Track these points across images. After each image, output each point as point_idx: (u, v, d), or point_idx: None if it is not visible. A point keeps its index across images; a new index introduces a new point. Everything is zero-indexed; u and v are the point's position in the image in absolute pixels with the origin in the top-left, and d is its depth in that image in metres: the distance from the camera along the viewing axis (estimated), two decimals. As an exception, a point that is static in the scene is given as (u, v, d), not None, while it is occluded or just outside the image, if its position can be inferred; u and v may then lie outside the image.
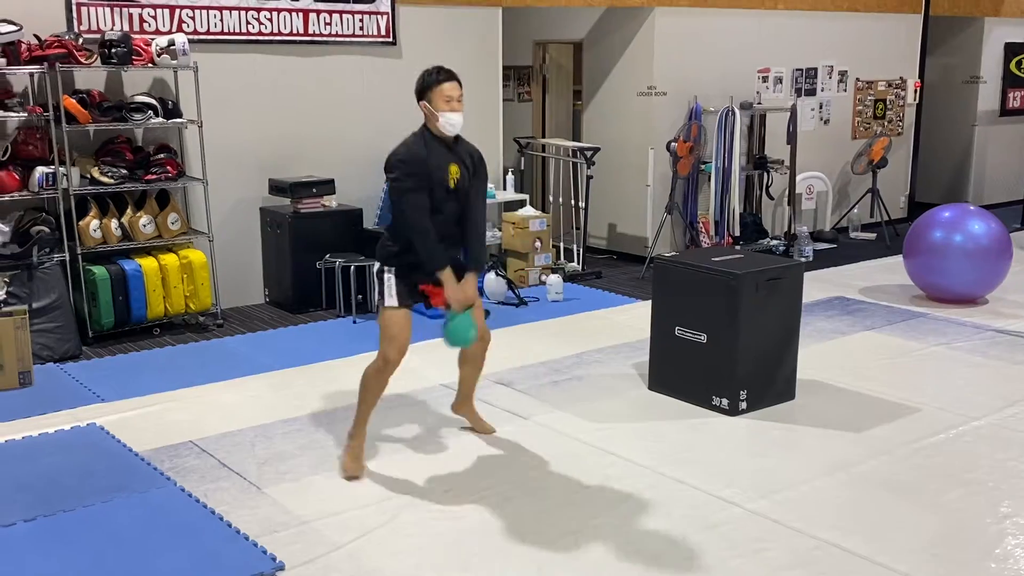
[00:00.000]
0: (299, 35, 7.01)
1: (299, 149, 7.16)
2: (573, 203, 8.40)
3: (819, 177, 9.61)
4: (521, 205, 8.03)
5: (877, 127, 10.35)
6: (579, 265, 8.19)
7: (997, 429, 4.66)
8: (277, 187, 6.93)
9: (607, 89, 8.85)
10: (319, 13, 7.06)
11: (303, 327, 6.57)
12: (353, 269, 6.66)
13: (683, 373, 5.00)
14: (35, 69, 5.81)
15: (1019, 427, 4.68)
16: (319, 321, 6.70)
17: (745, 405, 4.83)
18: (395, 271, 4.07)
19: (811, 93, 9.67)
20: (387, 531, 3.65)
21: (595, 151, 8.08)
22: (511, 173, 8.27)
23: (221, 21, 6.67)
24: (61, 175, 5.91)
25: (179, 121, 6.36)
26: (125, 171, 6.18)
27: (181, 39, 6.19)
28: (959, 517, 3.76)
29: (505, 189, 8.15)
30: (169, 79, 6.53)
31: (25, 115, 5.87)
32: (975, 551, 3.50)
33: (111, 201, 6.27)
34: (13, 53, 5.70)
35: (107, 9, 6.24)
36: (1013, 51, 11.70)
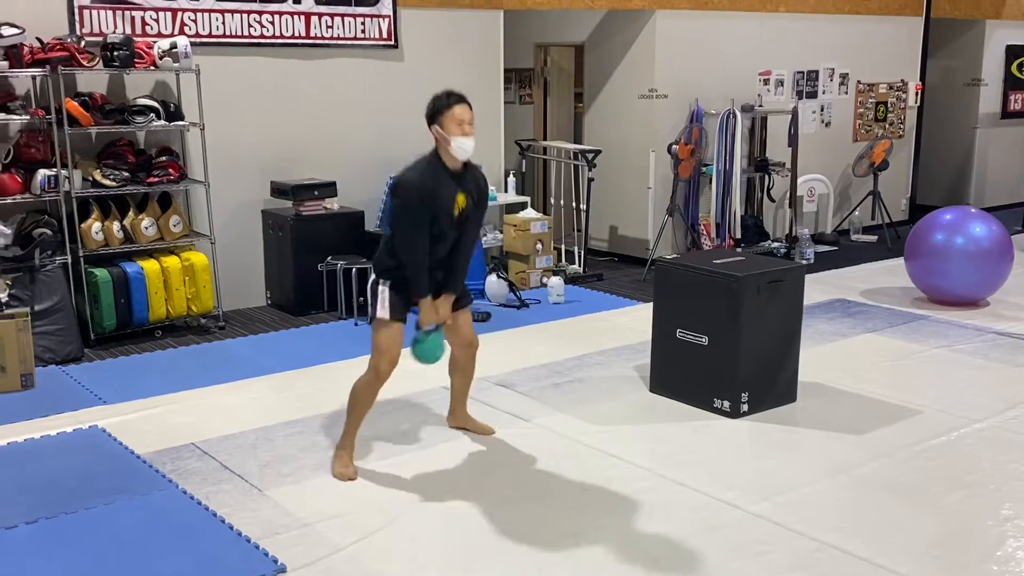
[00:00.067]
0: (301, 38, 7.02)
1: (301, 152, 7.17)
2: (574, 205, 8.41)
3: (820, 179, 9.61)
4: (522, 207, 8.04)
5: (878, 130, 10.34)
6: (580, 267, 8.20)
7: (998, 431, 4.66)
8: (279, 189, 6.94)
9: (608, 92, 8.85)
10: (321, 16, 7.07)
11: (305, 329, 6.58)
12: (355, 271, 6.66)
13: (684, 375, 5.01)
14: (37, 72, 5.82)
15: (1020, 429, 4.68)
16: (321, 323, 6.71)
17: (746, 407, 4.83)
18: (390, 284, 4.07)
19: (812, 96, 9.67)
20: (388, 533, 3.66)
21: (596, 153, 8.08)
22: (512, 175, 8.27)
23: (223, 24, 6.68)
24: (63, 178, 5.92)
25: (181, 124, 6.37)
26: (127, 174, 6.19)
27: (183, 42, 6.21)
28: (960, 519, 3.76)
29: (506, 191, 8.15)
30: (171, 82, 6.55)
31: (27, 118, 5.88)
32: (976, 553, 3.50)
33: (113, 204, 6.28)
34: (15, 56, 5.71)
35: (109, 12, 6.25)
36: (1014, 53, 11.70)
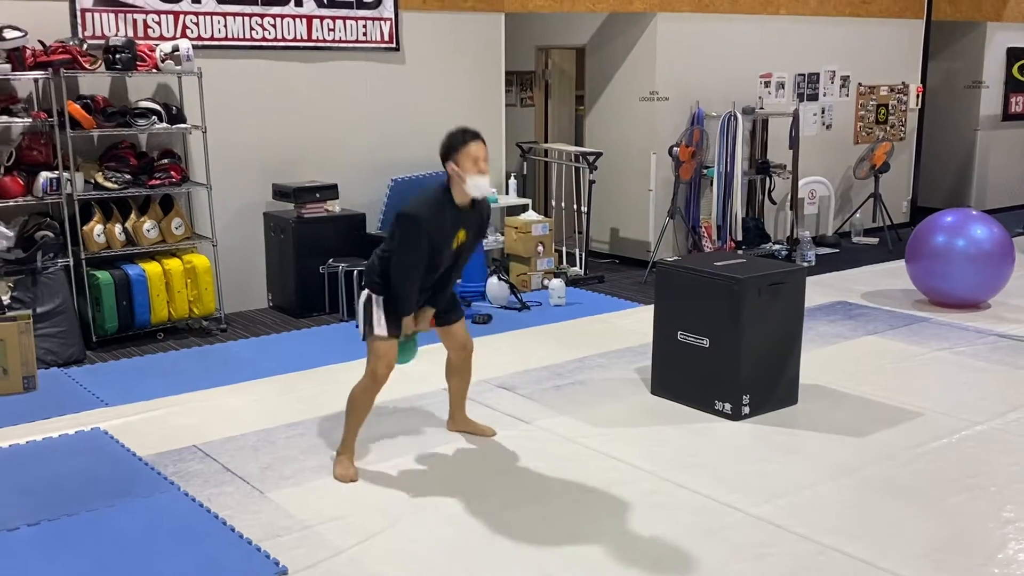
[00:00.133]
0: (303, 41, 7.03)
1: (303, 154, 7.18)
2: (575, 208, 8.42)
3: (821, 182, 9.61)
4: (523, 210, 8.04)
5: (879, 132, 10.35)
6: (581, 269, 8.20)
7: (1000, 434, 4.66)
8: (281, 192, 6.95)
9: (609, 94, 8.86)
10: (323, 19, 7.08)
11: (306, 331, 6.58)
12: (356, 274, 6.66)
13: (686, 378, 5.01)
14: (40, 75, 5.83)
15: (1022, 431, 4.68)
16: (322, 325, 6.71)
17: (748, 410, 4.83)
18: (384, 300, 4.07)
19: (813, 98, 9.68)
20: (389, 535, 3.66)
21: (597, 156, 8.09)
22: (513, 178, 8.28)
23: (225, 27, 6.69)
24: (65, 180, 5.93)
25: (183, 126, 6.38)
26: (129, 176, 6.19)
27: (185, 45, 6.22)
28: (962, 522, 3.76)
29: (507, 194, 8.15)
30: (173, 85, 6.55)
31: (30, 120, 5.88)
32: (978, 556, 3.50)
33: (115, 206, 6.29)
34: (18, 59, 5.72)
35: (111, 15, 6.26)
36: (1015, 56, 11.70)
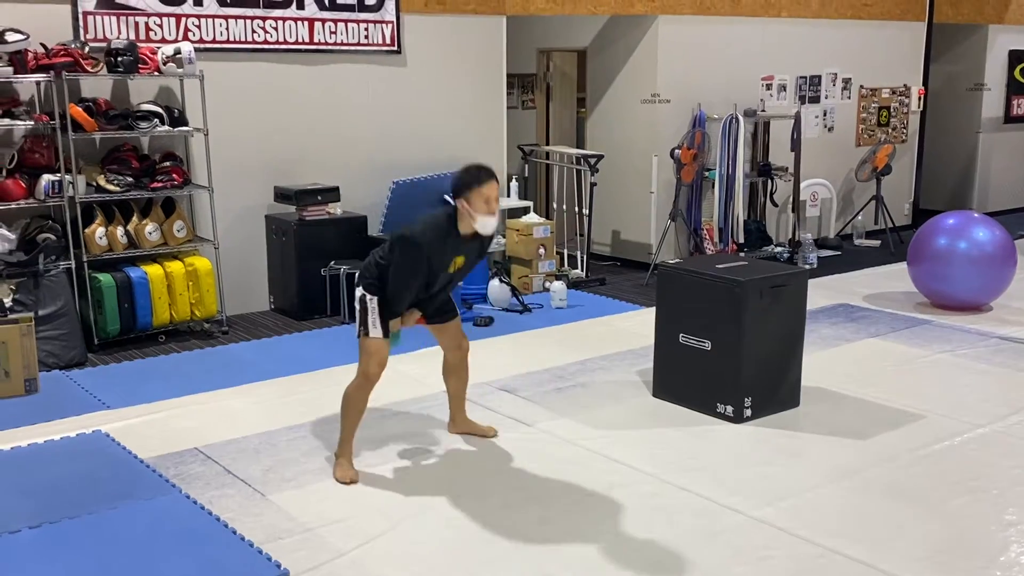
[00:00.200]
0: (304, 44, 7.03)
1: (304, 157, 7.18)
2: (577, 210, 8.42)
3: (823, 184, 9.61)
4: (525, 212, 8.04)
5: (881, 134, 10.34)
6: (583, 272, 8.20)
7: (1002, 436, 4.65)
8: (282, 194, 6.95)
9: (611, 97, 8.86)
10: (324, 22, 7.08)
11: (308, 334, 6.58)
12: (358, 276, 6.65)
13: (687, 380, 5.00)
14: (42, 77, 5.83)
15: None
16: (324, 328, 6.71)
17: (749, 412, 4.83)
18: (377, 300, 4.10)
19: (815, 100, 9.68)
20: (390, 538, 3.66)
21: (599, 158, 8.09)
22: (515, 180, 8.28)
23: (227, 30, 6.70)
24: (67, 183, 5.93)
25: (185, 129, 6.39)
26: (131, 179, 6.20)
27: (187, 47, 6.22)
28: (964, 525, 3.76)
29: (509, 196, 8.15)
30: (175, 87, 6.56)
31: (32, 123, 5.89)
32: (980, 559, 3.50)
33: (117, 209, 6.29)
34: (20, 62, 5.73)
35: (113, 18, 6.27)
36: (1017, 58, 11.69)
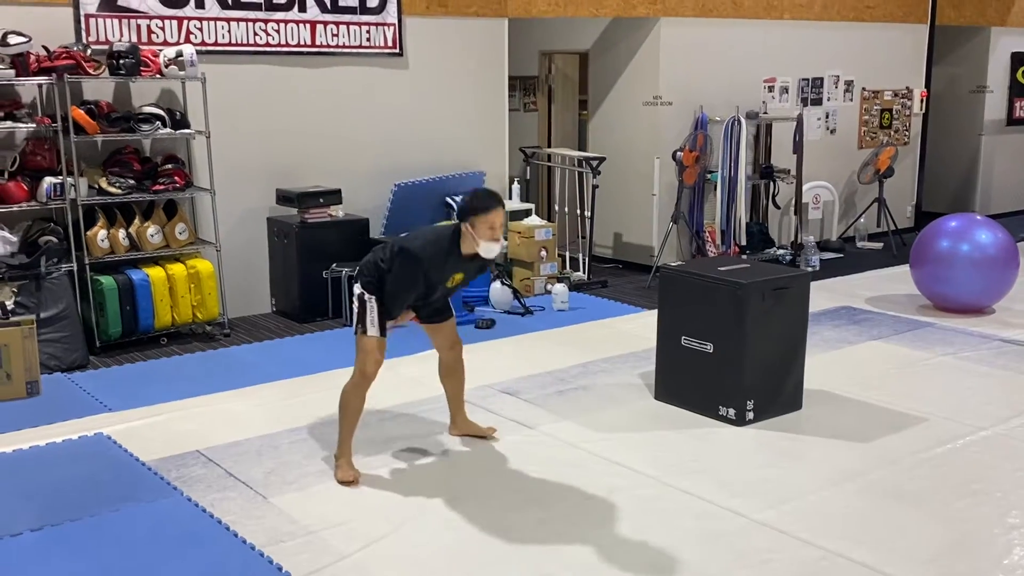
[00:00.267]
0: (306, 46, 7.04)
1: (306, 159, 7.18)
2: (579, 212, 8.41)
3: (825, 187, 9.60)
4: (527, 214, 8.03)
5: (883, 137, 10.33)
6: (585, 274, 8.19)
7: (1005, 439, 4.64)
8: (284, 197, 6.95)
9: (613, 99, 8.86)
10: (326, 24, 7.09)
11: (310, 336, 6.58)
12: (357, 272, 6.66)
13: (689, 383, 5.00)
14: (43, 80, 5.83)
15: (1027, 437, 4.67)
16: (326, 330, 6.71)
17: (752, 415, 4.82)
18: (376, 299, 4.10)
19: (817, 103, 9.67)
20: (392, 540, 3.66)
21: (601, 160, 8.09)
22: (517, 183, 8.28)
23: (229, 33, 6.70)
24: (69, 185, 5.93)
25: (187, 132, 6.39)
26: (133, 181, 6.20)
27: (189, 50, 6.22)
28: (967, 527, 3.75)
29: (511, 199, 8.15)
30: (177, 90, 6.57)
31: (33, 126, 5.89)
32: (983, 562, 3.49)
33: (119, 211, 6.29)
34: (22, 64, 5.73)
35: (115, 21, 6.28)
36: (1020, 60, 11.68)
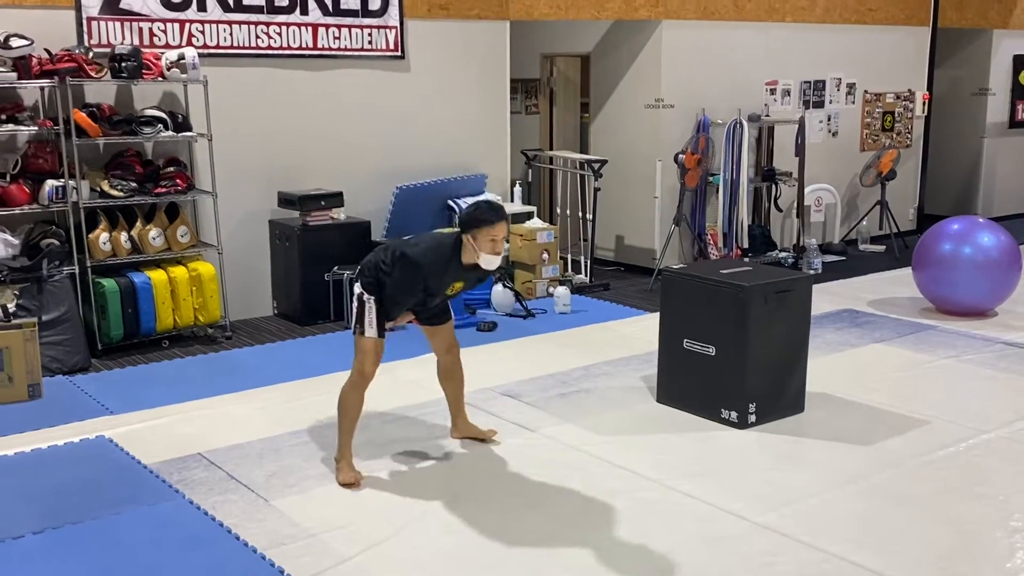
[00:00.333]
0: (308, 49, 7.04)
1: (308, 162, 7.18)
2: (581, 215, 8.41)
3: (828, 189, 9.59)
4: (528, 217, 8.03)
5: (886, 139, 10.33)
6: (587, 277, 8.19)
7: (1007, 442, 4.63)
8: (286, 200, 6.96)
9: (614, 101, 8.86)
10: (328, 27, 7.09)
11: (311, 339, 6.58)
12: (358, 272, 6.66)
13: (692, 386, 4.99)
14: (46, 83, 5.84)
15: (1030, 440, 4.66)
16: (327, 333, 6.71)
17: (754, 418, 4.81)
18: (375, 300, 4.10)
19: (819, 105, 9.66)
20: (394, 543, 3.65)
21: (603, 163, 8.08)
22: (518, 185, 8.28)
23: (231, 35, 6.70)
24: (71, 188, 5.93)
25: (189, 135, 6.39)
26: (135, 184, 6.20)
27: (191, 53, 6.23)
28: (970, 531, 3.74)
29: (512, 201, 8.15)
30: (179, 93, 6.57)
31: (35, 129, 5.90)
32: (986, 565, 3.48)
33: (121, 214, 6.29)
34: (24, 67, 5.74)
35: (117, 23, 6.28)
36: (1022, 63, 11.66)
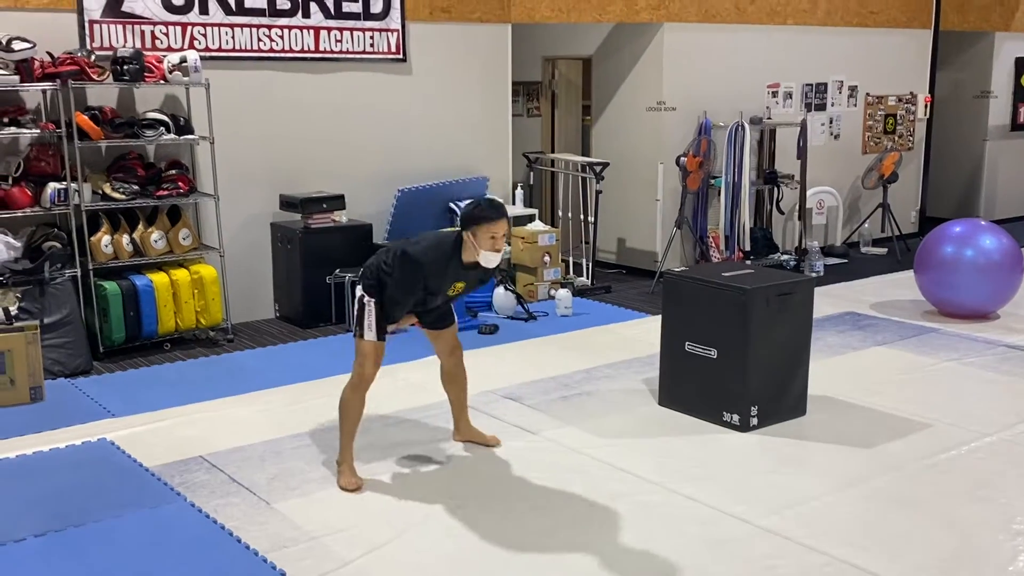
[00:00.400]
0: (310, 52, 7.05)
1: (310, 165, 7.19)
2: (582, 218, 8.41)
3: (829, 192, 9.59)
4: (530, 220, 8.04)
5: (887, 142, 10.33)
6: (588, 280, 8.19)
7: (1010, 445, 4.63)
8: (288, 202, 6.96)
9: (616, 104, 8.86)
10: (330, 30, 7.10)
11: (313, 342, 6.58)
12: (360, 274, 6.66)
13: (693, 389, 4.99)
14: (48, 86, 5.85)
15: (1032, 443, 4.66)
16: (329, 336, 6.71)
17: (756, 421, 4.81)
18: (375, 303, 4.10)
19: (821, 108, 9.66)
20: (395, 547, 3.65)
21: (604, 166, 8.09)
22: (520, 188, 8.28)
23: (232, 38, 6.71)
24: (73, 191, 5.94)
25: (191, 137, 6.40)
26: (137, 187, 6.21)
27: (193, 56, 6.24)
28: (972, 534, 3.74)
29: (514, 204, 8.16)
30: (181, 96, 6.58)
31: (38, 132, 5.90)
32: (988, 568, 3.48)
33: (123, 217, 6.30)
34: (26, 70, 5.75)
35: (119, 26, 6.29)
36: (1024, 66, 11.69)
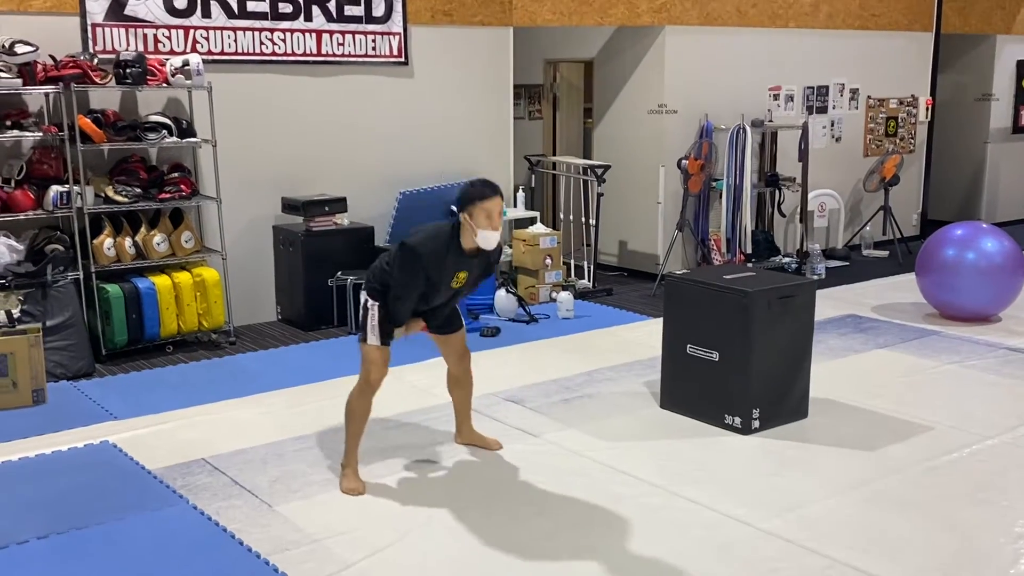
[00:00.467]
0: (312, 55, 7.06)
1: (312, 168, 7.20)
2: (584, 220, 8.41)
3: (831, 195, 9.60)
4: (532, 222, 8.04)
5: (889, 145, 10.33)
6: (590, 282, 8.19)
7: (1011, 448, 4.63)
8: (290, 205, 6.97)
9: (618, 107, 8.87)
10: (332, 34, 7.11)
11: (315, 344, 6.59)
12: (365, 280, 6.67)
13: (695, 391, 4.99)
14: (50, 89, 5.86)
15: (1034, 446, 4.66)
16: (331, 338, 6.72)
17: (758, 424, 4.81)
18: (378, 307, 4.11)
19: (822, 111, 9.67)
20: (397, 549, 3.65)
21: (606, 168, 8.09)
22: (522, 191, 8.29)
23: (235, 42, 6.72)
24: (75, 194, 5.95)
25: (193, 140, 6.41)
26: (139, 190, 6.22)
27: (195, 59, 6.25)
28: (973, 536, 3.74)
29: (516, 207, 8.16)
30: (183, 99, 6.59)
31: (40, 135, 5.91)
32: (989, 571, 3.48)
33: (125, 220, 6.31)
34: (29, 73, 5.76)
35: (122, 30, 6.30)
36: (1025, 68, 11.69)
